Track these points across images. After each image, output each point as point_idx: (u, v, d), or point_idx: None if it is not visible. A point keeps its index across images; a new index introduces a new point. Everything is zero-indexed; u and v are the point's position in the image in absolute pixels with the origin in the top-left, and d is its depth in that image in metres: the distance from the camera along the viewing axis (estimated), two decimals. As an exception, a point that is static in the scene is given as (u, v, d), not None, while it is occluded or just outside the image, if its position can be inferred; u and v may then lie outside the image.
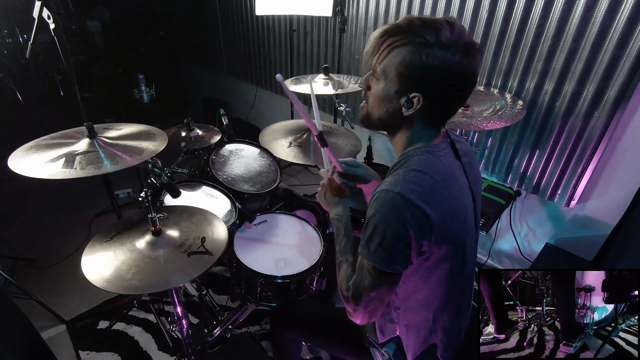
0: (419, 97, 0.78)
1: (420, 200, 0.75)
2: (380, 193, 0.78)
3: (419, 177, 0.78)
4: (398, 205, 0.75)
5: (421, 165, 0.80)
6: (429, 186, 0.78)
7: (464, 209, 0.86)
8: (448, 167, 0.84)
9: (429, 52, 0.73)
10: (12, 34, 3.56)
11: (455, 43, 0.74)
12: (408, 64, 0.76)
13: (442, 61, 0.74)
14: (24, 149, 1.25)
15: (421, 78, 0.76)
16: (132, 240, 1.14)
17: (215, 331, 1.61)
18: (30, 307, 1.84)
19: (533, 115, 1.78)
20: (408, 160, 0.84)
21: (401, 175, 0.80)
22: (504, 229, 2.13)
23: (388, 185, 0.78)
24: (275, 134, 1.86)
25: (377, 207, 0.78)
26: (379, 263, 0.78)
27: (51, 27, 1.37)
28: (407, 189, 0.76)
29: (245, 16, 3.19)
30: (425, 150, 0.83)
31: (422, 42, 0.74)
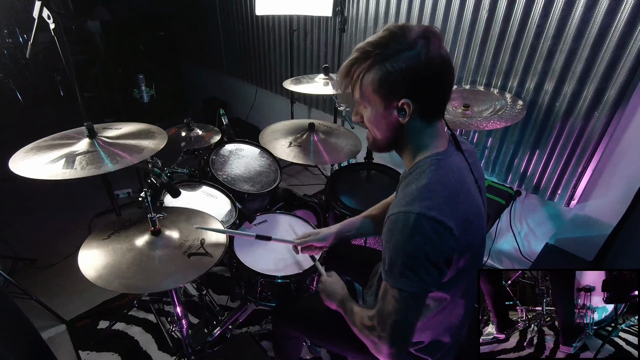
0: (407, 102, 0.79)
1: (441, 215, 0.75)
2: (398, 216, 0.77)
3: (434, 191, 0.78)
4: (420, 225, 0.74)
5: (433, 177, 0.80)
6: (444, 198, 0.78)
7: (479, 210, 0.87)
8: (459, 172, 0.84)
9: (393, 60, 0.76)
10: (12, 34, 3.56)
11: (409, 40, 0.76)
12: (379, 80, 0.79)
13: (407, 61, 0.76)
14: (24, 151, 1.25)
15: (398, 85, 0.78)
16: (131, 240, 1.14)
17: (215, 331, 1.61)
18: (30, 307, 1.85)
19: (533, 115, 1.78)
20: (419, 172, 0.83)
21: (415, 192, 0.79)
22: (504, 229, 2.13)
23: (405, 207, 0.77)
24: (275, 134, 1.86)
25: (398, 230, 0.76)
26: (408, 286, 0.77)
27: (51, 27, 1.37)
28: (425, 207, 0.75)
29: (245, 16, 3.19)
30: (436, 160, 0.83)
31: (382, 56, 0.77)
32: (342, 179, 1.91)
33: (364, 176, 1.97)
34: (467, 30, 1.85)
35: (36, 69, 3.75)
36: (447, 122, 0.92)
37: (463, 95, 1.79)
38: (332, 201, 1.72)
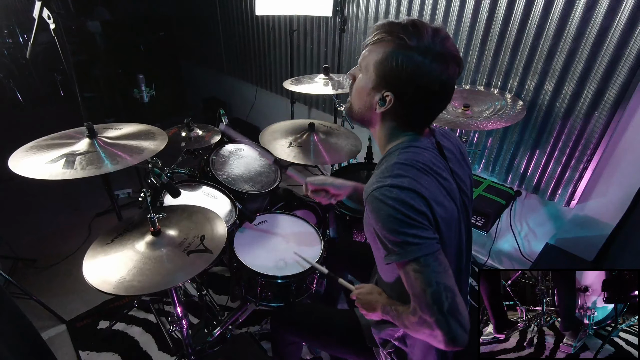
0: (390, 97, 0.80)
1: (412, 185, 0.77)
2: (372, 192, 0.78)
3: (403, 168, 0.80)
4: (395, 195, 0.76)
5: (402, 157, 0.83)
6: (413, 174, 0.80)
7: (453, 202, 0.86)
8: (431, 160, 0.85)
9: (406, 54, 0.76)
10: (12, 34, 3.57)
11: (434, 50, 0.75)
12: (384, 62, 0.79)
13: (417, 65, 0.76)
14: (24, 150, 1.25)
15: (394, 78, 0.79)
16: (132, 242, 1.14)
17: (215, 331, 1.61)
18: (30, 307, 1.85)
19: (533, 115, 1.78)
20: (390, 155, 0.86)
21: (385, 169, 0.81)
22: (504, 229, 2.13)
23: (376, 183, 0.79)
24: (275, 134, 1.86)
25: (376, 205, 0.77)
26: (418, 251, 0.74)
27: (51, 27, 1.37)
28: (396, 179, 0.78)
29: (245, 16, 3.19)
30: (408, 145, 0.85)
31: (402, 44, 0.76)
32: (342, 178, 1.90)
33: (364, 176, 1.97)
34: (467, 30, 1.85)
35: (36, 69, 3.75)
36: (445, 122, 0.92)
37: (463, 95, 1.79)
38: (332, 201, 1.72)
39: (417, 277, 0.75)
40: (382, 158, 0.90)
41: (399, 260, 0.77)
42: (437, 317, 0.73)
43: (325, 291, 1.57)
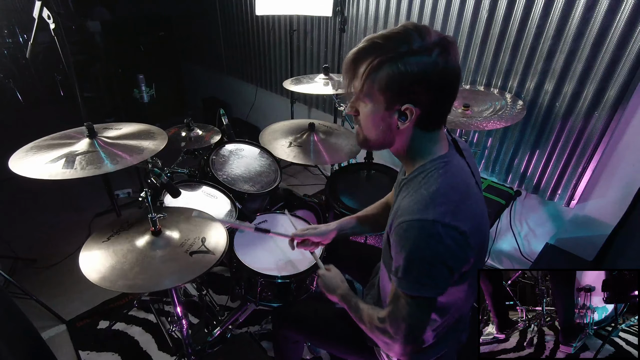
0: (411, 108, 0.76)
1: (455, 221, 0.74)
2: (412, 223, 0.75)
3: (446, 197, 0.77)
4: (436, 233, 0.73)
5: (443, 182, 0.78)
6: (456, 203, 0.76)
7: (484, 211, 0.87)
8: (464, 174, 0.84)
9: (406, 62, 0.73)
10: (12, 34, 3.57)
11: (426, 44, 0.73)
12: (389, 79, 0.75)
13: (421, 67, 0.73)
14: (24, 150, 1.25)
15: (406, 89, 0.75)
16: (132, 240, 1.14)
17: (215, 331, 1.61)
18: (30, 307, 1.85)
19: (533, 115, 1.78)
20: (426, 176, 0.81)
21: (427, 197, 0.77)
22: (504, 229, 2.13)
23: (417, 214, 0.75)
24: (275, 134, 1.86)
25: (412, 237, 0.74)
26: (423, 292, 0.77)
27: (51, 27, 1.37)
28: (440, 213, 0.74)
29: (245, 16, 3.19)
30: (443, 163, 0.81)
31: (396, 55, 0.73)
32: (342, 179, 1.91)
33: (364, 176, 1.97)
34: (467, 31, 1.85)
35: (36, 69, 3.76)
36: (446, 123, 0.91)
37: (463, 95, 1.79)
38: (332, 201, 1.72)
39: (405, 306, 0.80)
40: (414, 175, 0.84)
41: (400, 287, 0.79)
42: (402, 340, 0.82)
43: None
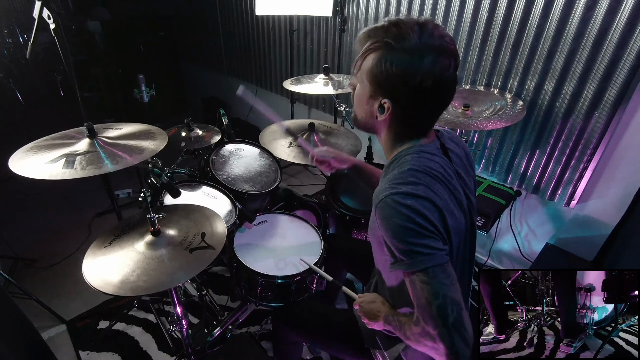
0: (388, 104, 0.78)
1: (427, 194, 0.75)
2: (385, 199, 0.76)
3: (417, 174, 0.79)
4: (410, 203, 0.74)
5: (415, 163, 0.81)
6: (427, 181, 0.78)
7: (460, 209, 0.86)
8: (442, 167, 0.84)
9: (394, 57, 0.74)
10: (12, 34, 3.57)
11: (422, 47, 0.72)
12: (375, 69, 0.77)
13: (405, 66, 0.73)
14: (24, 150, 1.25)
15: (388, 84, 0.76)
16: (132, 243, 1.14)
17: (215, 331, 1.61)
18: (30, 307, 1.84)
19: (533, 115, 1.78)
20: (400, 160, 0.84)
21: (398, 175, 0.79)
22: (504, 229, 2.13)
23: (389, 189, 0.76)
24: (275, 134, 1.86)
25: (388, 212, 0.75)
26: (427, 262, 0.73)
27: (51, 27, 1.37)
28: (410, 188, 0.76)
29: (245, 16, 3.19)
30: (418, 149, 0.84)
31: (389, 47, 0.74)
32: (342, 179, 1.91)
33: (364, 176, 1.97)
34: (467, 31, 1.85)
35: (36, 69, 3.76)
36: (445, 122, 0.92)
37: (463, 95, 1.79)
38: (332, 201, 1.72)
39: (423, 287, 0.73)
40: (390, 162, 0.87)
41: (406, 269, 0.75)
42: (441, 330, 0.72)
43: (326, 291, 1.57)
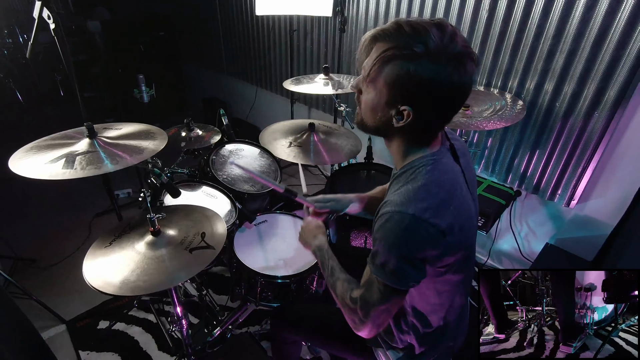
0: (408, 111, 0.74)
1: (434, 218, 0.74)
2: (392, 215, 0.75)
3: (429, 193, 0.77)
4: (414, 226, 0.73)
5: (429, 178, 0.78)
6: (439, 200, 0.76)
7: (470, 213, 0.86)
8: (452, 174, 0.84)
9: (418, 64, 0.69)
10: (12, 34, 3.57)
11: (446, 52, 0.69)
12: (396, 77, 0.72)
13: (432, 74, 0.69)
14: (24, 150, 1.25)
15: (410, 92, 0.73)
16: (132, 243, 1.14)
17: (215, 331, 1.61)
18: (30, 307, 1.85)
19: (533, 115, 1.78)
20: (414, 172, 0.81)
21: (411, 192, 0.77)
22: (504, 229, 2.13)
23: (399, 207, 0.75)
24: (275, 134, 1.86)
25: (391, 228, 0.75)
26: (395, 283, 0.78)
27: (51, 27, 1.37)
28: (420, 209, 0.74)
29: (245, 16, 3.19)
30: (431, 160, 0.81)
31: (411, 54, 0.69)
32: (342, 179, 1.91)
33: (364, 176, 1.97)
34: (467, 31, 1.85)
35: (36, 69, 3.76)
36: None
37: (463, 95, 1.79)
38: (332, 201, 1.72)
39: (378, 294, 0.81)
40: (402, 171, 0.84)
41: (376, 274, 0.80)
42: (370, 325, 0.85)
43: (325, 291, 1.57)
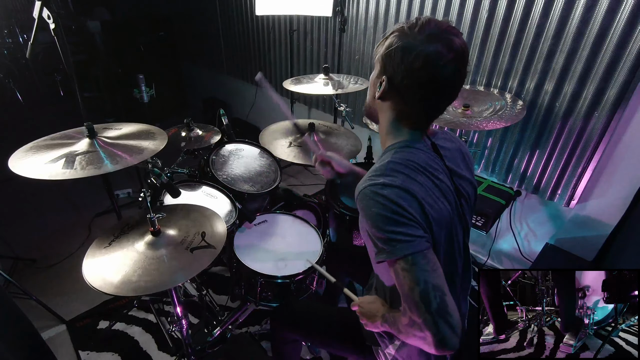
0: (384, 80, 0.82)
1: (405, 184, 0.78)
2: (365, 189, 0.79)
3: (397, 166, 0.81)
4: (386, 193, 0.76)
5: (396, 157, 0.84)
6: (407, 172, 0.80)
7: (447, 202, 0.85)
8: (426, 161, 0.85)
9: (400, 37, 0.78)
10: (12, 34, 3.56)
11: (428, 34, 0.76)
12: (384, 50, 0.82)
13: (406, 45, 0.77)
14: (24, 150, 1.25)
15: (388, 61, 0.80)
16: (132, 243, 1.14)
17: (215, 331, 1.61)
18: (30, 307, 1.85)
19: (533, 115, 1.78)
20: (385, 155, 0.87)
21: (378, 168, 0.82)
22: (504, 229, 2.13)
23: (368, 181, 0.80)
24: (275, 134, 1.86)
25: (366, 203, 0.78)
26: (406, 249, 0.73)
27: (51, 27, 1.37)
28: (389, 178, 0.78)
29: (245, 16, 3.19)
30: (404, 145, 0.86)
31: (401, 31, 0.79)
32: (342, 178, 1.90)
33: (364, 176, 1.97)
34: (467, 31, 1.85)
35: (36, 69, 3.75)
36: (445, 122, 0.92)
37: (463, 95, 1.79)
38: (332, 201, 1.72)
39: (405, 275, 0.73)
40: (379, 159, 0.90)
41: (388, 258, 0.76)
42: (425, 316, 0.71)
43: (325, 290, 1.57)
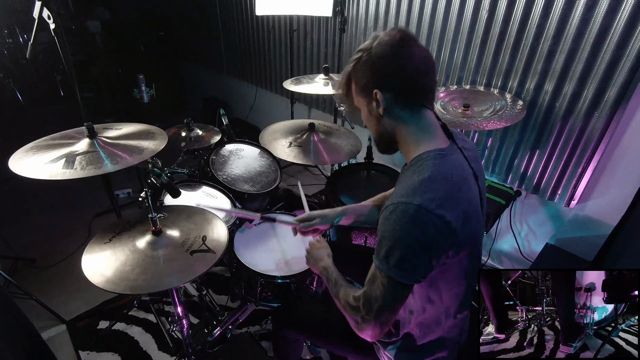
0: (376, 91, 0.83)
1: (441, 209, 0.74)
2: (398, 205, 0.76)
3: (435, 183, 0.77)
4: (420, 218, 0.74)
5: (436, 170, 0.79)
6: (445, 191, 0.77)
7: (477, 207, 0.87)
8: (461, 168, 0.84)
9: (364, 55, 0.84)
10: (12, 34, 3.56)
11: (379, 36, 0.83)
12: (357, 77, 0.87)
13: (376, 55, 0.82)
14: (24, 150, 1.25)
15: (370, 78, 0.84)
16: (133, 241, 1.14)
17: (215, 331, 1.61)
18: (30, 307, 1.85)
19: (533, 115, 1.78)
20: (421, 164, 0.82)
21: (417, 183, 0.78)
22: (504, 229, 2.13)
23: (405, 198, 0.76)
24: (275, 134, 1.86)
25: (396, 220, 0.75)
26: (400, 277, 0.77)
27: (51, 27, 1.37)
28: (426, 199, 0.74)
29: (245, 16, 3.19)
30: (439, 154, 0.83)
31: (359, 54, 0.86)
32: (342, 179, 1.91)
33: (364, 176, 1.97)
34: (467, 31, 1.85)
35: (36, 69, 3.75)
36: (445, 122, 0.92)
37: (463, 95, 1.79)
38: (332, 201, 1.72)
39: (381, 289, 0.80)
40: (412, 163, 0.85)
41: (379, 267, 0.79)
42: (369, 318, 0.82)
43: (325, 291, 1.57)
